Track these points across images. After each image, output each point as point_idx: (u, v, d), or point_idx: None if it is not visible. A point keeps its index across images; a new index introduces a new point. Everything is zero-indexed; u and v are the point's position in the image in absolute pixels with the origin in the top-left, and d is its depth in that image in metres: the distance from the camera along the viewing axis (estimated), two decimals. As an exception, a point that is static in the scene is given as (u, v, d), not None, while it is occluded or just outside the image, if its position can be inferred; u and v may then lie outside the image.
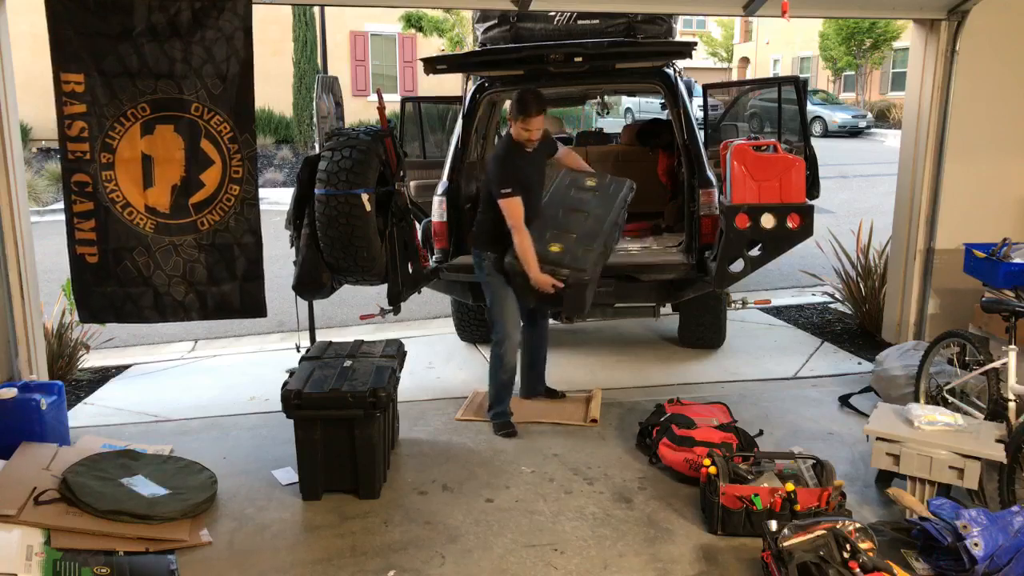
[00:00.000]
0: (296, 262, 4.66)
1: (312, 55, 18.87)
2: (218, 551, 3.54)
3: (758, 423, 4.65)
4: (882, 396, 4.92)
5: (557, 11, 5.68)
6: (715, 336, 6.16)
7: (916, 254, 5.62)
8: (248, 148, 4.12)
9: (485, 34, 6.09)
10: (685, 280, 5.31)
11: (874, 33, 26.57)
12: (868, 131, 24.37)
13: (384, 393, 3.88)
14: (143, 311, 4.20)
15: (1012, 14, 5.30)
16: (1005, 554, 2.99)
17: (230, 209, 4.15)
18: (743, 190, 4.78)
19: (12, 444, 4.00)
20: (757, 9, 4.94)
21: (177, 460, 4.21)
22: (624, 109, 21.99)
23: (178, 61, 3.98)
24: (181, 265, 4.17)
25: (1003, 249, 4.75)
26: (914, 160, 5.61)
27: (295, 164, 17.40)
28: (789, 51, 35.10)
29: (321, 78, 5.23)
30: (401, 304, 4.91)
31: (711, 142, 6.54)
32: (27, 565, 3.17)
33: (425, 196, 5.90)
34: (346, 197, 4.29)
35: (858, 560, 2.93)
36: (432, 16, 18.88)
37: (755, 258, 4.86)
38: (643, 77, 5.85)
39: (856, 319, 6.64)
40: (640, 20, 5.73)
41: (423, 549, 3.52)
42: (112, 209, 4.06)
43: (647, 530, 3.65)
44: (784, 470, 3.84)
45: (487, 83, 5.88)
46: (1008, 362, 3.83)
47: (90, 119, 3.97)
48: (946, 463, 3.53)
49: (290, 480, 4.12)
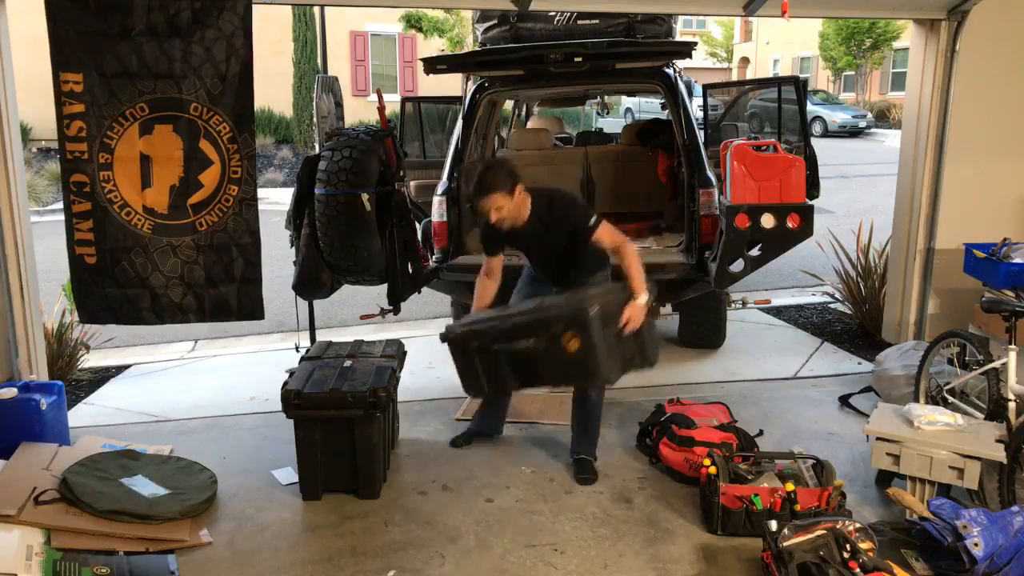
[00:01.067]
0: (296, 262, 4.67)
1: (312, 55, 18.86)
2: (218, 551, 3.54)
3: (758, 423, 4.65)
4: (882, 396, 4.92)
5: (557, 11, 5.68)
6: (715, 336, 6.15)
7: (916, 254, 5.62)
8: (247, 148, 4.10)
9: (485, 34, 6.10)
10: (685, 280, 5.31)
11: (874, 33, 26.57)
12: (868, 131, 24.37)
13: (384, 393, 3.88)
14: (141, 313, 4.18)
15: (1012, 14, 5.30)
16: (1005, 554, 2.99)
17: (228, 210, 4.13)
18: (743, 190, 4.78)
19: (12, 444, 4.00)
20: (757, 9, 4.94)
21: (177, 460, 4.21)
22: (624, 109, 21.96)
23: (177, 61, 3.97)
24: (179, 266, 4.15)
25: (1003, 249, 4.74)
26: (914, 160, 5.60)
27: (295, 164, 17.40)
28: (789, 51, 35.09)
29: (321, 78, 5.22)
30: (401, 304, 4.91)
31: (711, 142, 6.54)
32: (27, 565, 3.16)
33: (425, 196, 5.90)
34: (346, 197, 4.29)
35: (858, 560, 2.93)
36: (432, 16, 18.87)
37: (755, 258, 4.86)
38: (643, 77, 5.86)
39: (856, 319, 6.63)
40: (640, 20, 5.73)
41: (423, 549, 3.52)
42: (110, 209, 4.05)
43: (647, 530, 3.65)
44: (784, 470, 3.83)
45: (487, 83, 5.89)
46: (1008, 362, 3.83)
47: (88, 119, 3.96)
48: (946, 463, 3.53)
49: (290, 480, 4.12)
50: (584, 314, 3.45)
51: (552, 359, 3.54)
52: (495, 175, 3.71)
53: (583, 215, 3.82)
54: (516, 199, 3.73)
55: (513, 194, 3.71)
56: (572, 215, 3.84)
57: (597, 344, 3.47)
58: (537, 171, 7.34)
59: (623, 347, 3.66)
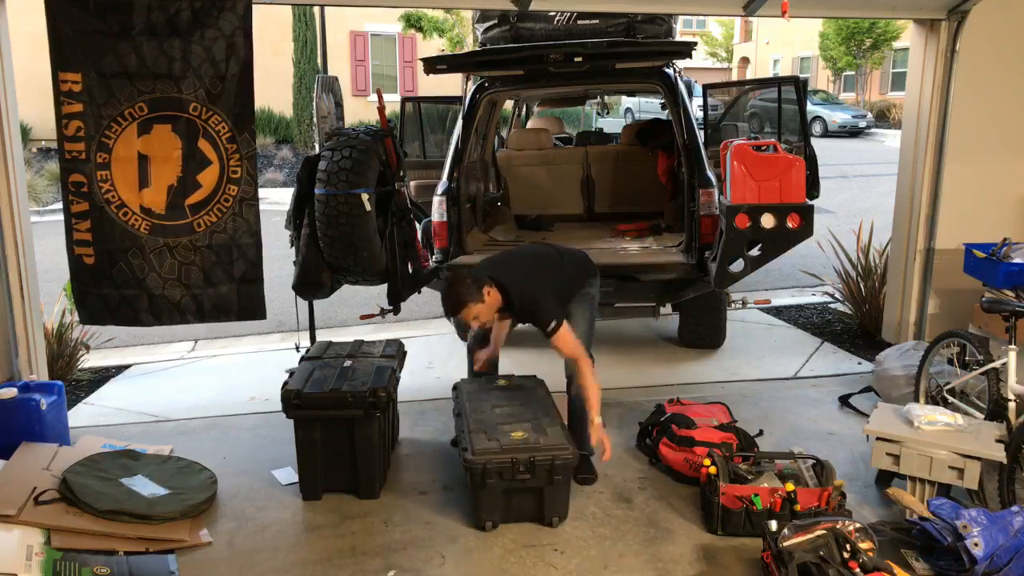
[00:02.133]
0: (296, 262, 4.66)
1: (312, 55, 18.86)
2: (218, 551, 3.54)
3: (758, 423, 4.65)
4: (882, 396, 4.92)
5: (557, 11, 5.67)
6: (715, 336, 6.15)
7: (916, 254, 5.62)
8: (247, 148, 4.09)
9: (485, 34, 6.10)
10: (685, 280, 5.31)
11: (874, 33, 26.56)
12: (868, 131, 24.36)
13: (384, 393, 3.87)
14: (139, 314, 4.17)
15: (1012, 14, 5.30)
16: (1005, 554, 2.99)
17: (228, 210, 4.12)
18: (743, 190, 4.77)
19: (12, 444, 4.00)
20: (757, 9, 4.94)
21: (177, 460, 4.21)
22: (624, 109, 21.97)
23: (177, 61, 3.96)
24: (176, 267, 4.13)
25: (1003, 249, 4.75)
26: (914, 160, 5.60)
27: (295, 164, 17.40)
28: (789, 51, 35.09)
29: (321, 78, 5.22)
30: (401, 304, 4.91)
31: (711, 142, 6.54)
32: (27, 565, 3.16)
33: (425, 196, 5.90)
34: (346, 197, 4.29)
35: (858, 560, 2.93)
36: (432, 16, 18.86)
37: (755, 258, 4.85)
38: (643, 77, 5.86)
39: (856, 319, 6.63)
40: (640, 20, 5.73)
41: (423, 549, 3.52)
42: (107, 209, 4.03)
43: (647, 530, 3.65)
44: (784, 470, 3.83)
45: (487, 83, 5.88)
46: (1008, 362, 3.83)
47: (87, 118, 3.95)
48: (946, 463, 3.53)
49: (290, 480, 4.12)
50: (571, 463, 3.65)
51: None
52: (459, 289, 3.79)
53: (544, 320, 3.82)
54: (488, 300, 3.81)
55: (484, 298, 3.78)
56: (535, 316, 3.88)
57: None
58: (537, 171, 7.36)
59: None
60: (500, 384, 4.28)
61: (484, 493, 3.59)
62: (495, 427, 3.75)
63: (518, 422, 3.80)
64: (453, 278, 3.92)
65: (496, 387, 4.24)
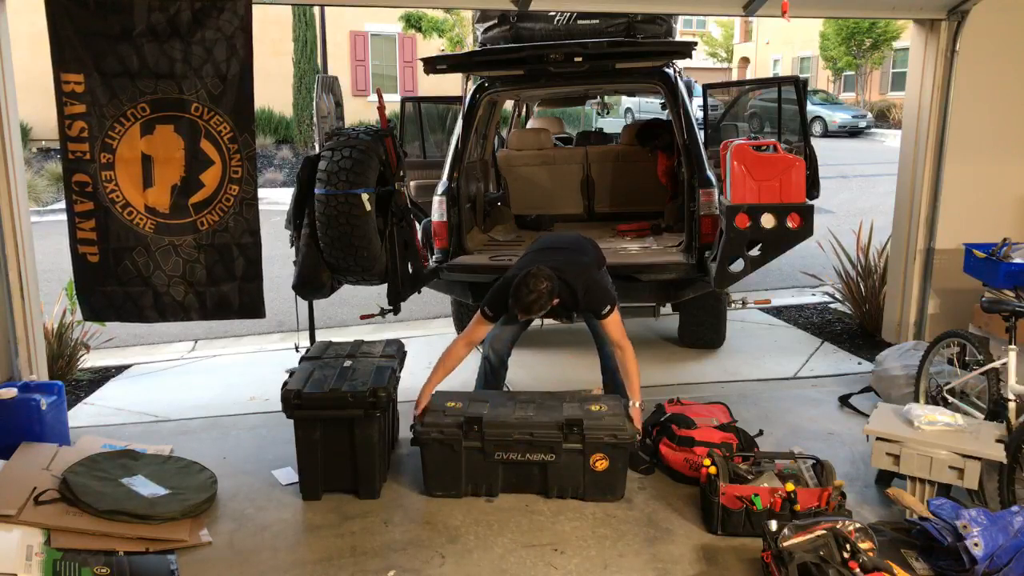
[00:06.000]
0: (296, 262, 4.66)
1: (312, 55, 18.87)
2: (218, 551, 3.54)
3: (758, 423, 4.65)
4: (882, 396, 4.92)
5: (557, 11, 5.68)
6: (715, 336, 6.15)
7: (916, 254, 5.62)
8: (247, 148, 4.12)
9: (485, 34, 6.10)
10: (685, 280, 5.31)
11: (874, 33, 26.56)
12: (868, 131, 24.38)
13: (384, 393, 3.88)
14: (143, 311, 4.21)
15: (1012, 14, 5.30)
16: (1005, 554, 2.99)
17: (229, 209, 4.15)
18: (743, 190, 4.77)
19: (12, 444, 4.00)
20: (757, 9, 4.94)
21: (177, 460, 4.21)
22: (624, 109, 21.96)
23: (178, 61, 3.98)
24: (181, 265, 4.17)
25: (1003, 249, 4.75)
26: (914, 160, 5.61)
27: (295, 164, 17.40)
28: (789, 51, 35.09)
29: (321, 78, 5.22)
30: (401, 304, 4.91)
31: (711, 142, 6.54)
32: (27, 565, 3.17)
33: (425, 196, 5.90)
34: (346, 197, 4.29)
35: (858, 560, 2.93)
36: (432, 16, 18.87)
37: (755, 258, 4.86)
38: (643, 77, 5.86)
39: (856, 319, 6.64)
40: (640, 20, 5.73)
41: (423, 549, 3.52)
42: (112, 209, 4.07)
43: (647, 530, 3.65)
44: (784, 470, 3.84)
45: (487, 83, 5.89)
46: (1008, 362, 3.83)
47: (90, 119, 3.97)
48: (946, 463, 3.53)
49: (290, 480, 4.12)
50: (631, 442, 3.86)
51: (567, 471, 3.87)
52: (550, 286, 3.95)
53: (603, 303, 4.11)
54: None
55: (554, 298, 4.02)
56: (598, 302, 4.13)
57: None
58: (537, 171, 7.36)
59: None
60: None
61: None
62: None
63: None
64: (537, 275, 3.99)
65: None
